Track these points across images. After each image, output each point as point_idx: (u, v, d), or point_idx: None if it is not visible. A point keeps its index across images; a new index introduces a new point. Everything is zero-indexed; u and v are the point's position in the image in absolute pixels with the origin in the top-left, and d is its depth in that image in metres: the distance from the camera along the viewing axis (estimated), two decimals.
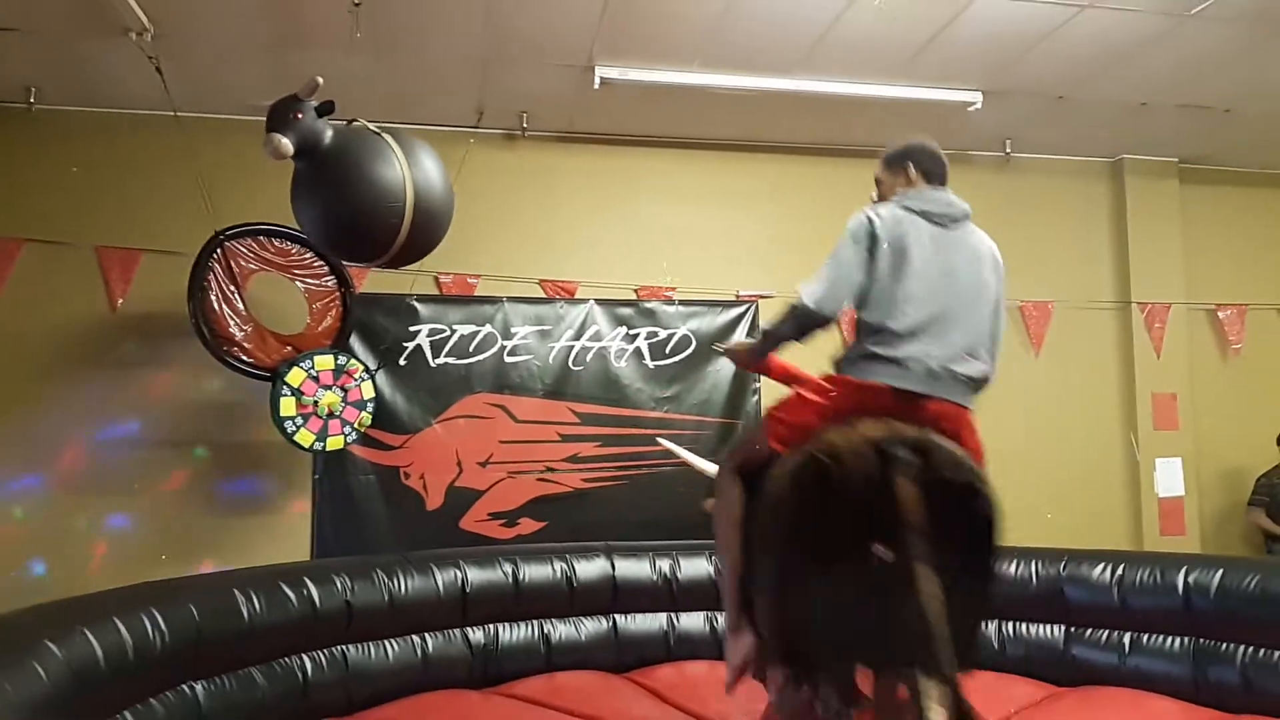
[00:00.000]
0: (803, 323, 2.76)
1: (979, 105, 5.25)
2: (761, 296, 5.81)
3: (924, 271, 2.69)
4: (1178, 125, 5.75)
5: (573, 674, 4.30)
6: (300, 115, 3.16)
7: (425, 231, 3.40)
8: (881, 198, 2.98)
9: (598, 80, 4.90)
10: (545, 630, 4.41)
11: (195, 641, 3.20)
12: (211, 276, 4.81)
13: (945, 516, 2.37)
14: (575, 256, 5.72)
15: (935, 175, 2.96)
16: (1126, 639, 4.02)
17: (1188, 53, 4.78)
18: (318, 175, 3.25)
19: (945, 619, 2.28)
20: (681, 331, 5.74)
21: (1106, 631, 4.10)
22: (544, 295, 5.67)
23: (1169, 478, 6.11)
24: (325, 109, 3.25)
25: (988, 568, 2.49)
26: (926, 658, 2.31)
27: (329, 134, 3.25)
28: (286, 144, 3.11)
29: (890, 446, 2.40)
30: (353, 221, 3.28)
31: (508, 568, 4.38)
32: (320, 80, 3.23)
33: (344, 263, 4.88)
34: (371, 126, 3.38)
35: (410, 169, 3.28)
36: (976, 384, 2.76)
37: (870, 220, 2.74)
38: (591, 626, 4.49)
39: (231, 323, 4.83)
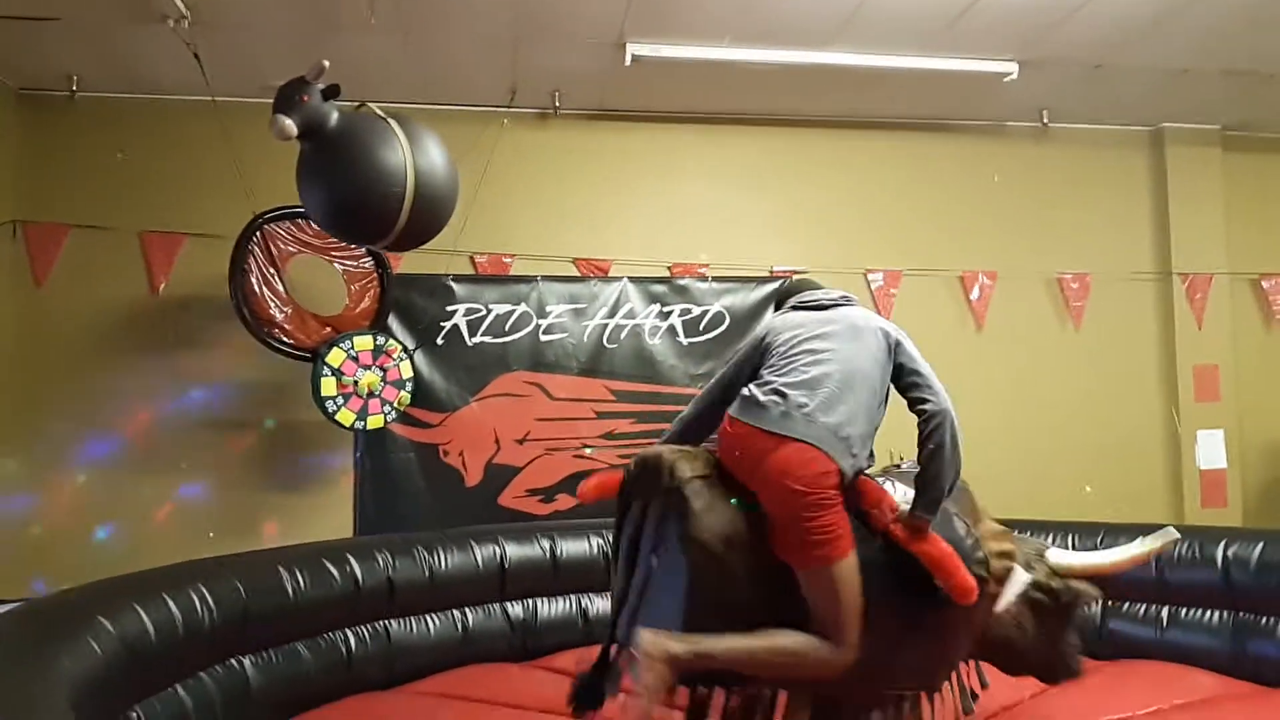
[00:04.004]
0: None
1: (1014, 76, 5.17)
2: (795, 273, 5.79)
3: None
4: (1220, 91, 5.63)
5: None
6: (306, 98, 3.19)
7: (427, 216, 3.42)
8: None
9: (629, 57, 4.89)
10: (583, 604, 4.48)
11: (242, 617, 3.29)
12: (251, 259, 4.88)
13: (659, 523, 2.74)
14: (609, 234, 5.74)
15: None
16: (1165, 613, 4.02)
17: (1230, 16, 4.67)
18: (321, 157, 3.29)
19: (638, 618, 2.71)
20: (715, 308, 5.75)
21: (1144, 605, 4.09)
22: (578, 274, 5.70)
23: (1211, 450, 6.04)
24: (331, 92, 3.28)
25: (681, 574, 2.60)
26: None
27: (334, 117, 3.28)
28: (290, 125, 3.15)
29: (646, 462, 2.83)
30: (353, 204, 3.32)
31: (545, 543, 4.45)
32: (326, 64, 3.26)
33: (346, 243, 4.92)
34: (378, 111, 3.41)
35: (413, 154, 3.30)
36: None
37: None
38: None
39: (272, 304, 4.91)
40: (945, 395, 2.80)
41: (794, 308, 3.04)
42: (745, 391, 2.77)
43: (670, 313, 5.73)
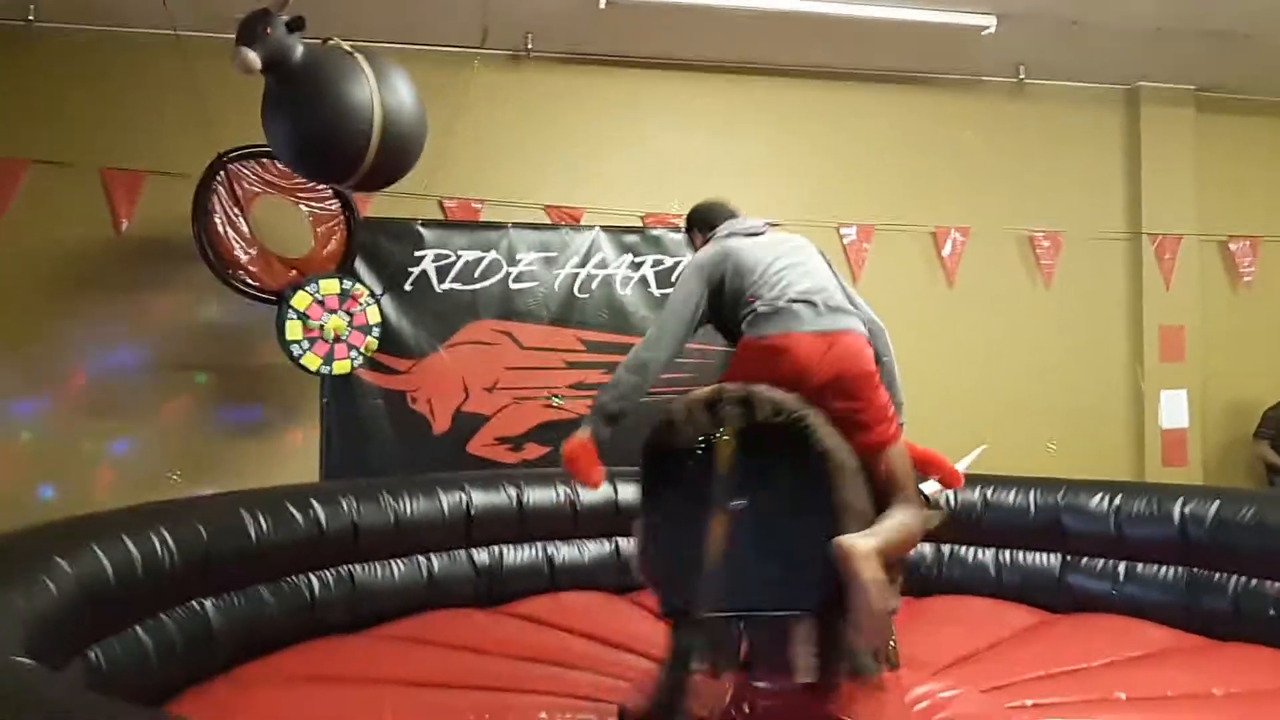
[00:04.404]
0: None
1: (992, 29, 5.14)
2: (769, 224, 5.74)
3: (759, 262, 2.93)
4: (1196, 51, 5.63)
5: (576, 594, 4.38)
6: (270, 30, 3.10)
7: (395, 155, 3.35)
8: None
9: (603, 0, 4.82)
10: (549, 552, 4.49)
11: (204, 559, 3.26)
12: (215, 199, 4.79)
13: (777, 459, 2.56)
14: (581, 182, 5.68)
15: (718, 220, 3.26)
16: (1121, 568, 4.07)
17: None
18: (285, 92, 3.21)
19: (762, 563, 2.52)
20: (687, 259, 5.70)
21: (1102, 560, 4.15)
22: (550, 221, 5.64)
23: (1174, 409, 6.13)
24: (296, 24, 3.18)
25: (825, 502, 2.53)
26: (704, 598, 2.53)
27: (299, 51, 3.19)
28: (254, 58, 3.06)
29: (716, 402, 2.61)
30: (318, 141, 3.24)
31: (512, 491, 4.44)
32: None
33: (312, 181, 4.83)
34: (345, 46, 3.32)
35: (381, 91, 3.22)
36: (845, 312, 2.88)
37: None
38: (594, 549, 4.56)
39: (236, 246, 4.83)
40: None
41: (731, 235, 3.09)
42: (761, 309, 2.78)
43: (642, 263, 5.69)
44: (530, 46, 5.48)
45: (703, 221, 3.32)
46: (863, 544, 2.41)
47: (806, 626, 2.49)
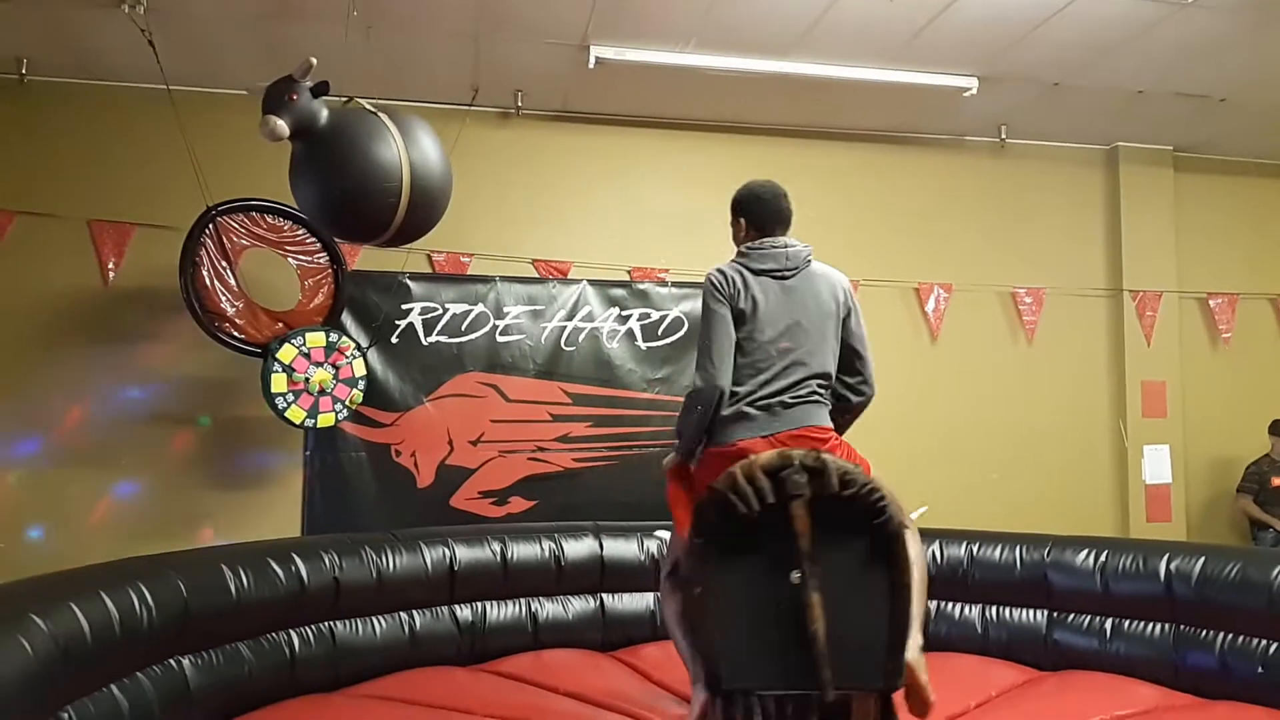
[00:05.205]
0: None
1: (974, 91, 5.24)
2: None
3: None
4: (1173, 113, 5.75)
5: (559, 652, 4.33)
6: (295, 96, 3.17)
7: (424, 210, 3.41)
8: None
9: (593, 60, 4.88)
10: (533, 608, 4.44)
11: (182, 616, 3.21)
12: (203, 251, 4.79)
13: (843, 531, 2.43)
14: (569, 236, 5.72)
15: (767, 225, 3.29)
16: (1108, 624, 4.05)
17: (1184, 41, 4.77)
18: (314, 156, 3.26)
19: (829, 640, 2.36)
20: (674, 313, 5.75)
21: (1088, 617, 4.13)
22: (537, 275, 5.67)
23: (1157, 465, 6.15)
24: (320, 89, 3.25)
25: (891, 580, 2.42)
26: (820, 679, 2.36)
27: (325, 114, 3.26)
28: (282, 126, 3.12)
29: (784, 470, 2.44)
30: (350, 201, 3.29)
31: (496, 546, 4.40)
32: (314, 61, 3.23)
33: (344, 241, 4.88)
34: (368, 106, 3.39)
35: (407, 148, 3.28)
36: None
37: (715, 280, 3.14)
38: (579, 605, 4.52)
39: (223, 298, 4.82)
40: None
41: (764, 272, 3.13)
42: (725, 412, 2.94)
43: (629, 316, 5.72)
44: (520, 104, 5.55)
45: (755, 220, 3.33)
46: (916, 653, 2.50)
47: (865, 706, 2.41)
